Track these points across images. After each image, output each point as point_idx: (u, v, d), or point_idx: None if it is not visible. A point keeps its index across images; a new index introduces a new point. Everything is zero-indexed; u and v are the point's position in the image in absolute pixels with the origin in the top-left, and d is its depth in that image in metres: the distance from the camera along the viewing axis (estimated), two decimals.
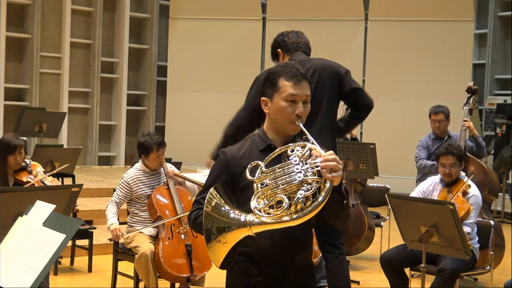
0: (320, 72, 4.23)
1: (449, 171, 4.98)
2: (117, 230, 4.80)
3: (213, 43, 11.57)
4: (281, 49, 4.38)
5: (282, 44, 4.39)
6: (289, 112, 2.48)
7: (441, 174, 5.05)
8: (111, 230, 4.81)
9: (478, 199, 4.91)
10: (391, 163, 9.82)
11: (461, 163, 5.04)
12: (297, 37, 4.41)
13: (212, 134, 12.03)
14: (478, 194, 4.94)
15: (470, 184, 4.97)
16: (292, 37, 4.40)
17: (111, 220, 4.86)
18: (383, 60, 10.93)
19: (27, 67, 10.55)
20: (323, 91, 4.22)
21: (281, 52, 4.39)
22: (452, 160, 4.98)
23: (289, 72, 2.51)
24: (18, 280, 2.22)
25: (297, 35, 4.43)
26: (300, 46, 4.38)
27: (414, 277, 5.68)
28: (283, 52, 4.38)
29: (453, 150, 5.01)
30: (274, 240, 2.47)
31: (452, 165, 4.98)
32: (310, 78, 2.57)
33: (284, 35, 4.43)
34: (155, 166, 4.97)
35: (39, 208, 2.40)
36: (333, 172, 2.25)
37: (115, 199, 4.95)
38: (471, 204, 4.85)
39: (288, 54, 4.36)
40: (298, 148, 2.35)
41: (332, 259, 4.23)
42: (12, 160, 4.65)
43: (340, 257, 4.25)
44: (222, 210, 2.27)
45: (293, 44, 4.37)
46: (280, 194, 2.26)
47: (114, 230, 4.80)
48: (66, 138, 10.72)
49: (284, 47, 4.37)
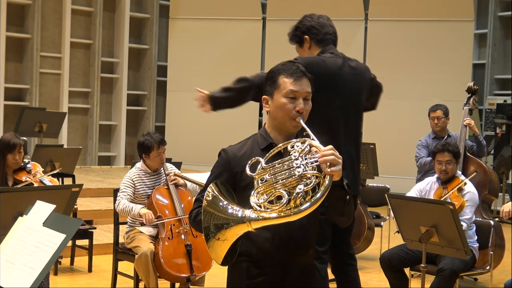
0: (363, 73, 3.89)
1: (445, 168, 5.00)
2: (150, 214, 4.70)
3: (213, 43, 11.57)
4: (309, 36, 3.85)
5: (313, 31, 3.84)
6: (289, 108, 2.48)
7: (437, 171, 5.08)
8: (143, 214, 4.68)
9: (473, 195, 4.92)
10: (391, 163, 9.82)
11: (457, 161, 5.06)
12: (329, 27, 3.87)
13: (212, 134, 12.04)
14: (474, 191, 4.95)
15: (466, 182, 4.99)
16: (324, 25, 3.86)
17: (135, 207, 4.75)
18: (383, 60, 10.92)
19: (27, 67, 10.56)
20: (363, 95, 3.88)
21: (309, 39, 3.86)
22: (448, 157, 5.00)
23: (289, 69, 2.51)
24: (18, 280, 2.22)
25: (329, 24, 3.89)
26: (333, 37, 3.87)
27: (414, 277, 5.68)
28: (312, 41, 3.85)
29: (449, 147, 5.04)
30: (275, 241, 2.47)
31: (448, 162, 5.00)
32: (311, 75, 2.56)
33: (314, 20, 3.87)
34: (157, 165, 4.96)
35: (39, 208, 2.40)
36: (332, 167, 2.24)
37: (123, 196, 4.85)
38: (466, 200, 4.86)
39: (319, 46, 3.84)
40: (298, 144, 2.34)
41: (352, 272, 3.98)
42: (11, 159, 4.65)
43: (356, 269, 4.04)
44: (220, 205, 2.26)
45: (326, 35, 3.85)
46: (279, 189, 2.25)
47: (146, 213, 4.69)
48: (66, 138, 10.72)
49: (315, 36, 3.84)
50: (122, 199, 4.83)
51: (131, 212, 4.76)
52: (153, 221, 4.71)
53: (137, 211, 4.73)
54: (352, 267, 4.00)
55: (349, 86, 3.77)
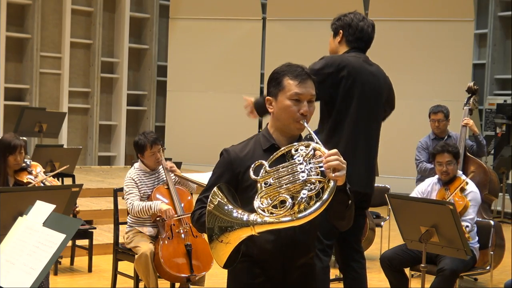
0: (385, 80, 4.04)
1: (446, 169, 5.00)
2: (170, 210, 4.67)
3: (213, 43, 11.57)
4: (343, 31, 3.95)
5: (346, 28, 3.93)
6: (293, 110, 2.47)
7: (438, 173, 5.07)
8: (164, 211, 4.64)
9: (476, 195, 4.93)
10: (391, 163, 9.82)
11: (457, 161, 5.06)
12: (362, 31, 3.93)
13: (212, 134, 12.01)
14: (476, 191, 4.95)
15: (468, 182, 4.99)
16: (360, 26, 3.93)
17: (154, 204, 4.70)
18: (383, 60, 10.76)
19: (27, 67, 10.55)
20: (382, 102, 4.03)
21: (342, 34, 3.95)
22: (448, 157, 5.00)
23: (294, 71, 2.50)
24: (18, 280, 2.22)
25: (368, 28, 3.96)
26: (362, 42, 3.96)
27: (414, 277, 5.68)
28: (344, 37, 3.95)
29: (448, 147, 5.04)
30: (276, 242, 2.47)
31: (449, 162, 5.00)
32: (315, 77, 2.55)
33: (353, 18, 3.94)
34: (153, 164, 4.95)
35: (39, 208, 2.40)
36: (337, 172, 2.24)
37: (133, 198, 4.78)
38: (469, 200, 4.86)
39: (347, 45, 3.95)
40: (302, 148, 2.33)
41: (359, 270, 3.96)
42: (12, 160, 4.64)
43: (365, 267, 4.02)
44: (225, 209, 2.26)
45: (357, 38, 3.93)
46: (283, 194, 2.24)
47: (168, 210, 4.65)
48: (66, 138, 10.72)
49: (346, 32, 3.94)
50: (134, 201, 4.78)
51: (151, 210, 4.70)
52: (174, 216, 4.69)
53: (157, 208, 4.68)
54: (360, 264, 3.98)
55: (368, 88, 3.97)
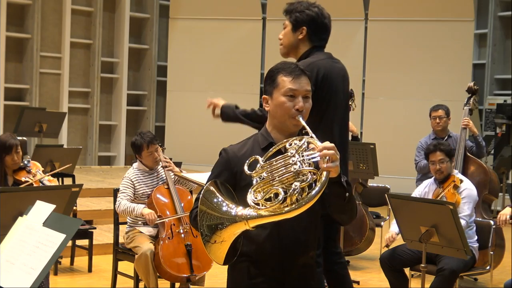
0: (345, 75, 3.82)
1: (439, 167, 5.03)
2: (152, 214, 4.67)
3: (213, 43, 11.57)
4: (307, 28, 3.68)
5: (311, 25, 3.67)
6: (288, 106, 2.47)
7: (432, 172, 5.12)
8: (146, 214, 4.66)
9: (470, 192, 4.93)
10: (391, 163, 9.81)
11: (451, 159, 5.08)
12: (326, 30, 3.69)
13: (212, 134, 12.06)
14: (471, 187, 4.96)
15: (462, 179, 5.00)
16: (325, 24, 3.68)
17: (137, 207, 4.73)
18: (383, 60, 10.92)
19: (27, 67, 10.55)
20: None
21: (305, 31, 3.69)
22: (441, 156, 5.02)
23: (288, 68, 2.51)
24: (18, 280, 2.21)
25: (330, 24, 3.69)
26: (325, 41, 3.74)
27: (414, 277, 5.67)
28: (307, 34, 3.69)
29: (440, 146, 5.08)
30: (276, 241, 2.46)
31: (441, 160, 5.02)
32: (309, 73, 2.56)
33: (318, 14, 3.67)
34: (151, 164, 4.96)
35: (39, 208, 2.40)
36: (330, 163, 2.23)
37: (123, 197, 4.82)
38: (463, 197, 4.86)
39: (309, 43, 3.71)
40: (296, 141, 2.33)
41: (342, 270, 3.90)
42: (9, 160, 4.64)
43: (346, 267, 3.98)
44: (214, 202, 2.25)
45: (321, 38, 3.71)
46: (276, 186, 2.24)
47: (149, 213, 4.66)
48: (66, 138, 10.72)
49: (310, 30, 3.68)
50: (123, 200, 4.81)
51: (133, 213, 4.75)
52: (155, 221, 4.70)
53: (139, 211, 4.72)
54: (342, 265, 3.94)
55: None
